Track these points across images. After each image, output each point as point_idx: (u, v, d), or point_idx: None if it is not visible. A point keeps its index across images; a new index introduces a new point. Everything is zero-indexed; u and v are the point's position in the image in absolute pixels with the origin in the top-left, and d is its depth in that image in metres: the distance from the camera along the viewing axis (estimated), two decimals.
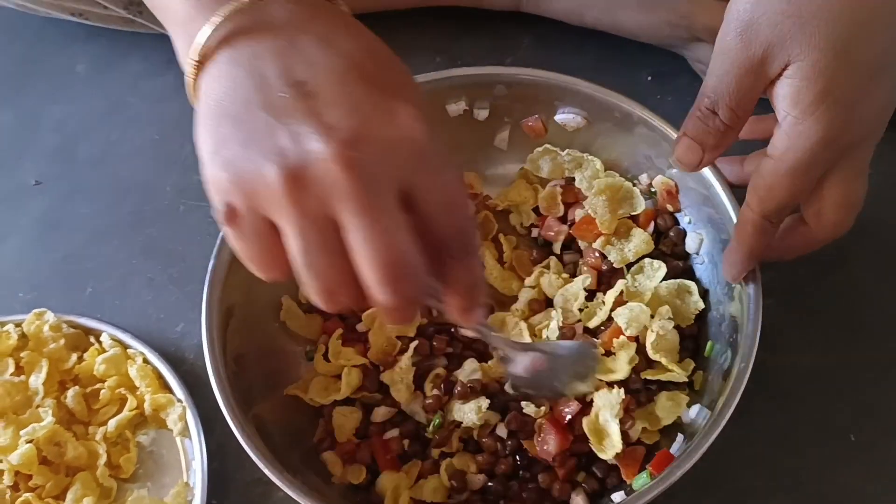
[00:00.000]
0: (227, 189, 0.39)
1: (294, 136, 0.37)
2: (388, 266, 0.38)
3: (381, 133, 0.38)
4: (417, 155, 0.38)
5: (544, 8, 0.79)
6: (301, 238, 0.38)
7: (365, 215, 0.37)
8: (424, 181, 0.39)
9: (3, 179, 0.80)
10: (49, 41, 0.86)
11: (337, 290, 0.39)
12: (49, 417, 0.62)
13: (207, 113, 0.40)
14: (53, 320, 0.68)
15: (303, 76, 0.38)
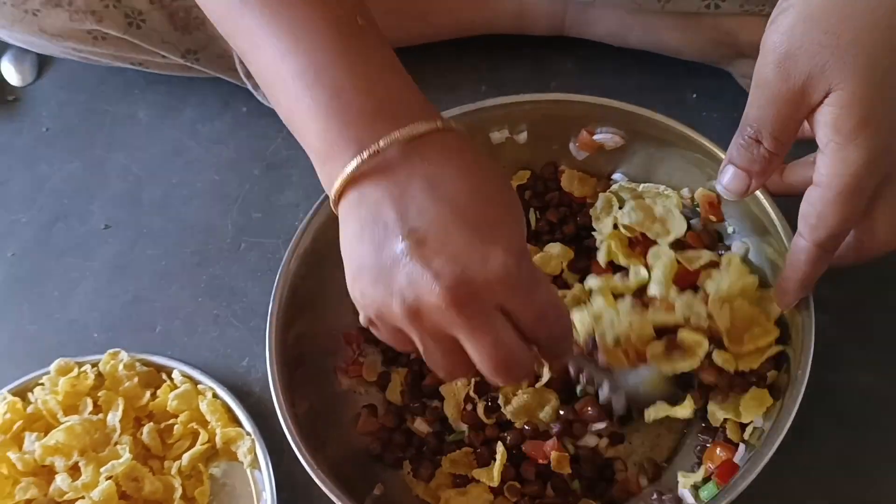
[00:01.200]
0: (366, 307, 0.49)
1: (411, 279, 0.46)
2: (497, 366, 0.48)
3: (477, 276, 0.45)
4: (508, 287, 0.46)
5: (586, 31, 0.80)
6: (424, 346, 0.49)
7: (472, 337, 0.47)
8: (516, 305, 0.47)
9: (76, 226, 0.83)
10: (111, 90, 0.90)
11: (455, 372, 0.50)
12: (126, 454, 0.65)
13: (348, 239, 0.49)
14: (127, 359, 0.71)
15: (415, 223, 0.46)
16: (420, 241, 0.46)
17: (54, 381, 0.69)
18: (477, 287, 0.45)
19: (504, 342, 0.47)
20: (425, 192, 0.47)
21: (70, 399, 0.69)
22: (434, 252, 0.45)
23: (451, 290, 0.45)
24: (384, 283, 0.46)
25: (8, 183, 0.87)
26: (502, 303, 0.47)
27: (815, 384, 0.63)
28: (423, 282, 0.45)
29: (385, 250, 0.46)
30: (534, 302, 0.48)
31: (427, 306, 0.46)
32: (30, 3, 0.73)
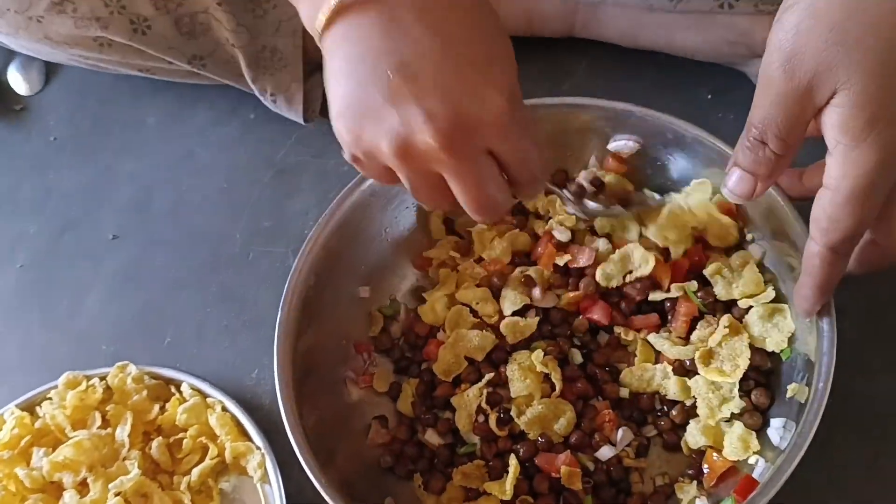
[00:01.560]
0: (351, 145, 0.48)
1: (402, 118, 0.45)
2: (479, 206, 0.49)
3: (471, 117, 0.45)
4: (499, 130, 0.46)
5: (598, 32, 0.78)
6: (410, 182, 0.49)
7: (458, 177, 0.47)
8: (503, 148, 0.48)
9: (84, 234, 0.83)
10: (119, 97, 0.90)
11: (439, 206, 0.51)
12: (135, 469, 0.65)
13: (332, 75, 0.47)
14: (136, 372, 0.70)
15: (406, 56, 0.45)
16: (412, 77, 0.44)
17: (62, 395, 0.69)
18: (470, 129, 0.45)
19: (488, 183, 0.48)
20: (418, 22, 0.45)
21: (78, 413, 0.68)
22: (427, 89, 0.44)
23: (443, 132, 0.45)
24: (373, 119, 0.46)
25: (17, 192, 0.87)
26: (492, 146, 0.47)
27: (835, 391, 0.62)
28: (414, 121, 0.45)
29: (374, 86, 0.45)
30: (521, 146, 0.48)
31: (418, 145, 0.45)
32: (34, 10, 0.72)
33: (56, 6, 0.72)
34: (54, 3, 0.72)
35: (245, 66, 0.77)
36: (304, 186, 0.81)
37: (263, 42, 0.75)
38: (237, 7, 0.73)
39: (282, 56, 0.76)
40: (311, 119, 0.81)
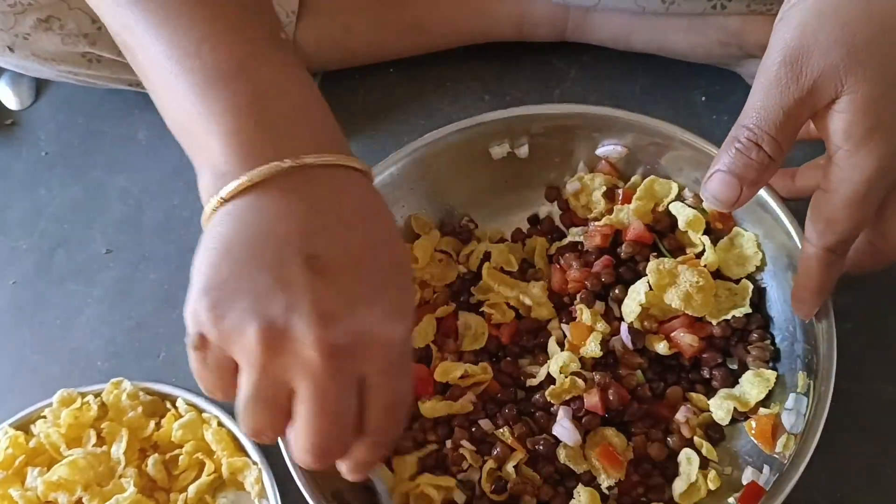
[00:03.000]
0: (205, 325, 0.42)
1: (291, 309, 0.39)
2: (319, 444, 0.42)
3: (364, 332, 0.40)
4: (385, 359, 0.42)
5: (590, 36, 0.78)
6: (253, 389, 0.42)
7: (316, 396, 0.40)
8: (380, 382, 0.42)
9: (77, 251, 0.82)
10: (110, 111, 0.89)
11: (263, 434, 0.43)
12: (131, 488, 0.64)
13: (212, 248, 0.42)
14: (130, 389, 0.69)
15: (319, 249, 0.40)
16: (318, 271, 0.40)
17: (57, 413, 0.68)
18: (361, 346, 0.41)
19: (341, 421, 0.42)
20: (339, 226, 0.42)
21: (73, 431, 0.67)
22: (327, 287, 0.40)
23: (331, 337, 0.40)
24: (250, 301, 0.40)
25: (8, 209, 0.86)
26: (369, 374, 0.42)
27: (838, 396, 0.61)
28: (304, 316, 0.39)
29: (269, 268, 0.40)
30: (394, 389, 0.44)
31: (294, 344, 0.40)
32: (19, 28, 0.72)
33: (42, 23, 0.72)
34: (40, 21, 0.71)
35: None
36: None
37: None
38: None
39: None
40: None
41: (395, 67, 0.84)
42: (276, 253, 0.41)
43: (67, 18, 0.71)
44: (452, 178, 0.69)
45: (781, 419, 0.58)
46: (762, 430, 0.58)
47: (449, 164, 0.68)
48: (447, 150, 0.68)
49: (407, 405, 0.46)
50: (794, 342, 0.61)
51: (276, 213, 0.41)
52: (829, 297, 0.55)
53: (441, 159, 0.68)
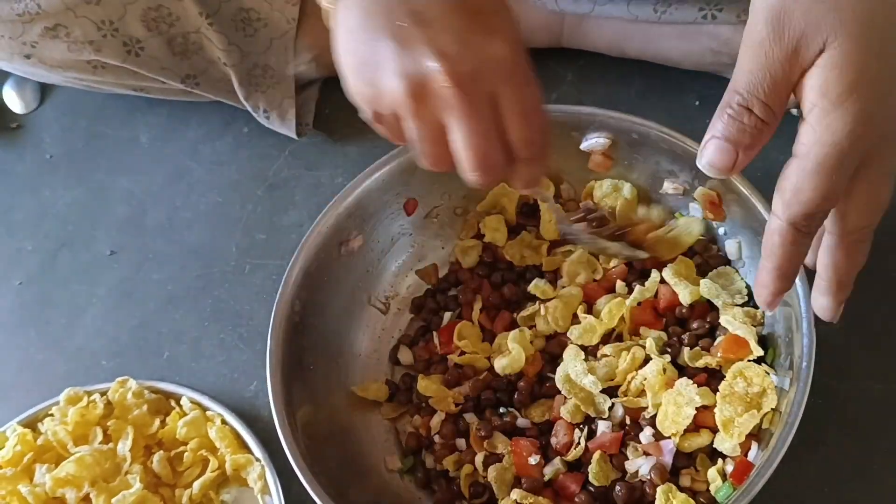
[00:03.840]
0: (370, 99, 0.50)
1: (416, 59, 0.47)
2: (479, 158, 0.50)
3: (479, 55, 0.47)
4: (506, 72, 0.48)
5: (584, 42, 0.80)
6: (417, 131, 0.50)
7: (465, 120, 0.48)
8: (509, 93, 0.49)
9: (81, 252, 0.84)
10: (113, 114, 0.90)
11: (438, 163, 0.52)
12: (137, 484, 0.65)
13: (344, 38, 0.50)
14: (136, 387, 0.71)
15: (418, 6, 0.48)
16: (424, 22, 0.47)
17: (64, 411, 0.70)
18: (478, 67, 0.47)
19: (490, 136, 0.49)
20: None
21: (80, 429, 0.69)
22: (438, 32, 0.47)
23: (454, 68, 0.46)
24: (388, 67, 0.48)
25: (13, 211, 0.88)
26: (497, 90, 0.48)
27: (826, 393, 0.63)
28: (428, 59, 0.47)
29: (387, 35, 0.48)
30: (525, 96, 0.49)
31: (431, 85, 0.47)
32: (27, 36, 0.73)
33: (49, 31, 0.73)
34: (47, 29, 0.73)
35: (237, 83, 0.78)
36: (297, 200, 0.82)
37: (255, 60, 0.77)
38: (228, 26, 0.74)
39: (273, 73, 0.77)
40: (303, 133, 0.82)
41: None
42: (388, 22, 0.48)
43: (74, 26, 0.72)
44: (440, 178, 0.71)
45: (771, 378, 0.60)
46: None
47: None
48: None
49: (541, 111, 0.51)
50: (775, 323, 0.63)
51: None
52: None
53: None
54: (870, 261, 0.69)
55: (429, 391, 0.67)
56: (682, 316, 0.66)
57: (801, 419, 0.55)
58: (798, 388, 0.56)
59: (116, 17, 0.73)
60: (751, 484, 0.55)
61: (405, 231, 0.73)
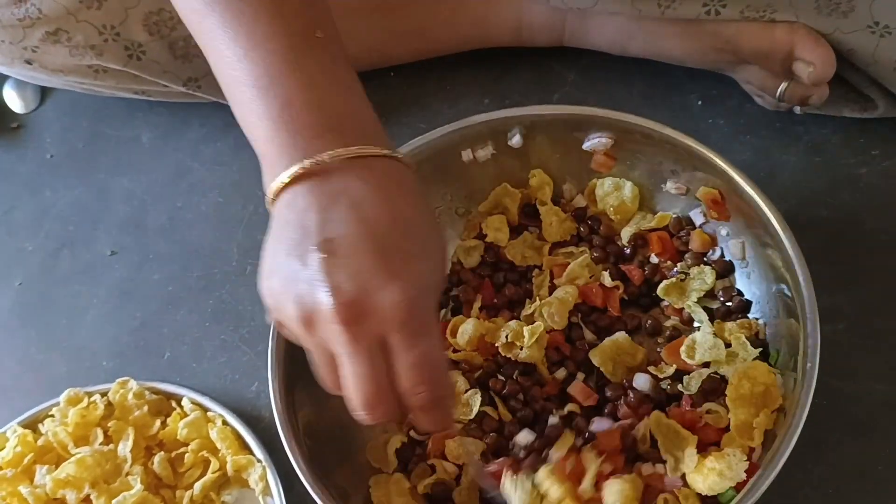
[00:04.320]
0: (270, 307, 0.50)
1: (310, 288, 0.47)
2: (362, 398, 0.49)
3: (370, 299, 0.46)
4: (395, 322, 0.47)
5: (587, 41, 0.79)
6: (314, 354, 0.50)
7: (349, 359, 0.48)
8: (397, 343, 0.48)
9: (82, 252, 0.83)
10: (114, 114, 0.90)
11: (334, 388, 0.50)
12: (138, 485, 0.65)
13: (269, 240, 0.50)
14: (136, 388, 0.71)
15: (331, 234, 0.47)
16: (331, 252, 0.47)
17: (64, 412, 0.69)
18: (367, 311, 0.46)
19: (375, 378, 0.48)
20: (350, 209, 0.48)
21: (80, 430, 0.69)
22: (339, 266, 0.46)
23: (343, 306, 0.46)
24: (290, 284, 0.47)
25: (13, 211, 0.87)
26: (386, 335, 0.48)
27: (829, 394, 0.63)
28: (320, 292, 0.46)
29: (297, 253, 0.47)
30: (415, 348, 0.48)
31: (318, 316, 0.47)
32: (28, 41, 0.73)
33: (50, 36, 0.73)
34: (48, 34, 0.72)
35: None
36: None
37: None
38: None
39: None
40: None
41: (395, 71, 0.85)
42: (301, 242, 0.47)
43: (75, 31, 0.72)
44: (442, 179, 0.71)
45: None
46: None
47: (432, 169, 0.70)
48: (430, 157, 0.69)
49: (437, 367, 0.50)
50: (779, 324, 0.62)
51: (304, 206, 0.48)
52: None
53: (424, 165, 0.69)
54: (873, 262, 0.69)
55: None
56: None
57: (805, 420, 0.54)
58: (802, 390, 0.56)
59: (118, 21, 0.73)
60: (755, 485, 0.55)
61: None
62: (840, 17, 0.67)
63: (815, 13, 0.67)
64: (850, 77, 0.72)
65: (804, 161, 0.74)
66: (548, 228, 0.71)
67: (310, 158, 0.48)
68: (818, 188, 0.73)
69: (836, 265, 0.68)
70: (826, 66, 0.68)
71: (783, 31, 0.68)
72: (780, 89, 0.72)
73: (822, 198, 0.73)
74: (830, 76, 0.68)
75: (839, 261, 0.69)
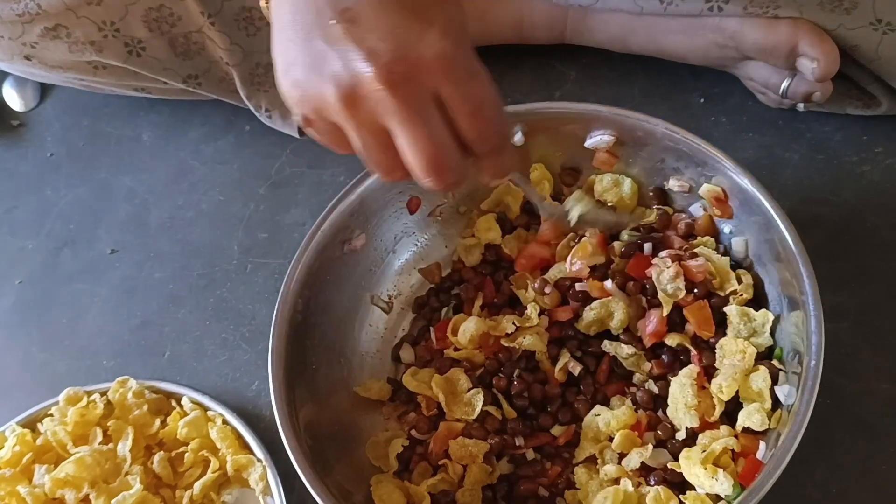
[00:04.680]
0: (299, 103, 0.47)
1: (344, 61, 0.44)
2: (428, 162, 0.46)
3: (412, 53, 0.43)
4: (444, 69, 0.44)
5: (588, 38, 0.79)
6: (359, 140, 0.47)
7: (406, 124, 0.45)
8: (451, 91, 0.45)
9: (83, 251, 0.83)
10: (115, 113, 0.90)
11: (391, 172, 0.48)
12: (137, 484, 0.65)
13: (277, 36, 0.47)
14: (136, 387, 0.70)
15: (348, 2, 0.44)
16: (352, 20, 0.44)
17: (63, 411, 0.69)
18: (412, 65, 0.44)
19: (437, 137, 0.45)
20: None
21: (80, 429, 0.68)
22: (367, 30, 0.44)
23: (385, 68, 0.43)
24: (317, 69, 0.44)
25: (14, 209, 0.87)
26: (438, 88, 0.45)
27: (834, 393, 0.62)
28: (357, 61, 0.43)
29: (317, 34, 0.44)
30: (470, 92, 0.46)
31: (362, 89, 0.44)
32: (27, 37, 0.73)
33: (50, 32, 0.72)
34: (48, 29, 0.72)
35: (239, 83, 0.77)
36: (299, 198, 0.81)
37: (257, 59, 0.76)
38: (230, 26, 0.74)
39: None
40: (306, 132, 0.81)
41: None
42: (317, 19, 0.44)
43: (75, 27, 0.72)
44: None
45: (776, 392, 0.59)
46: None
47: None
48: None
49: (491, 106, 0.47)
50: (783, 321, 0.62)
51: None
52: None
53: None
54: (877, 260, 0.69)
55: (410, 385, 0.66)
56: None
57: (809, 419, 0.54)
58: (806, 388, 0.55)
59: (118, 17, 0.72)
60: (759, 484, 0.54)
61: (408, 230, 0.72)
62: (843, 13, 0.66)
63: (818, 9, 0.66)
64: (853, 74, 0.72)
65: (807, 159, 0.74)
66: (545, 226, 0.70)
67: None
68: (821, 186, 0.73)
69: (839, 263, 0.68)
70: (830, 62, 0.67)
71: (787, 26, 0.68)
72: (784, 86, 0.72)
73: (825, 195, 0.72)
74: (834, 72, 0.68)
75: (842, 258, 0.68)
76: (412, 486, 0.63)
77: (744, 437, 0.59)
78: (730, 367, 0.60)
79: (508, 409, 0.65)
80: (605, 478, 0.61)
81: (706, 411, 0.60)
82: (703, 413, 0.60)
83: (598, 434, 0.62)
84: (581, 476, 0.62)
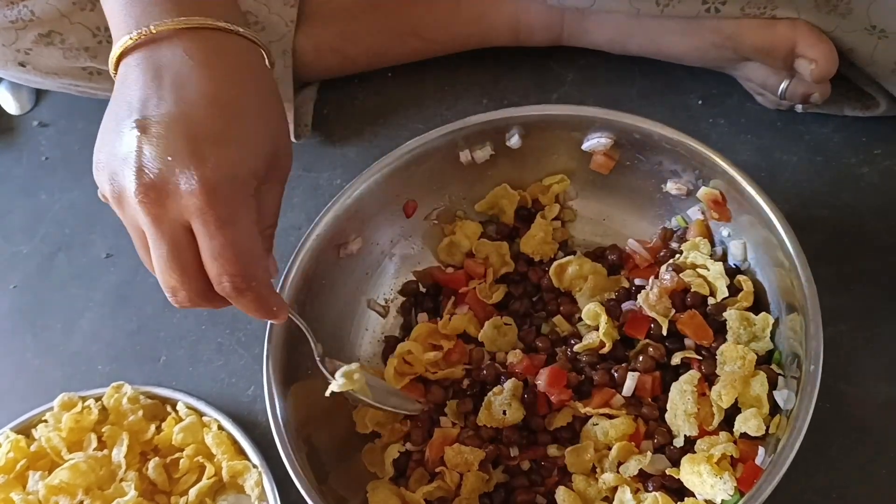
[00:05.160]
0: (98, 180, 0.50)
1: (123, 164, 0.47)
2: (167, 281, 0.49)
3: (170, 183, 0.46)
4: (195, 207, 0.47)
5: (585, 40, 0.79)
6: (129, 230, 0.51)
7: (152, 240, 0.48)
8: (197, 228, 0.48)
9: (78, 255, 0.83)
10: None
11: (149, 268, 0.51)
12: (132, 491, 0.64)
13: (106, 113, 0.51)
14: (131, 392, 0.70)
15: (151, 112, 0.47)
16: (145, 129, 0.47)
17: (58, 417, 0.69)
18: (166, 194, 0.47)
19: (178, 261, 0.48)
20: (171, 87, 0.48)
21: (74, 435, 0.68)
22: (150, 146, 0.47)
23: (144, 187, 0.46)
24: (109, 160, 0.48)
25: (9, 214, 0.87)
26: (189, 220, 0.48)
27: (833, 397, 0.62)
28: (128, 170, 0.47)
29: (118, 129, 0.48)
30: (217, 236, 0.48)
31: (125, 194, 0.47)
32: (21, 43, 0.72)
33: (43, 38, 0.72)
34: (41, 36, 0.72)
35: None
36: (296, 202, 0.81)
37: None
38: None
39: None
40: (302, 135, 0.81)
41: (393, 72, 0.84)
42: (124, 118, 0.48)
43: (69, 33, 0.72)
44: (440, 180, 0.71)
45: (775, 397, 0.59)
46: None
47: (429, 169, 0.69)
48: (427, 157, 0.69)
49: (242, 256, 0.49)
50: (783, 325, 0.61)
51: (131, 80, 0.49)
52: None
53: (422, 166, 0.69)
54: (876, 261, 0.68)
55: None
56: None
57: (808, 424, 0.54)
58: (806, 393, 0.55)
59: None
60: (758, 489, 0.54)
61: (405, 233, 0.72)
62: (839, 17, 0.66)
63: (815, 10, 0.66)
64: (851, 75, 0.71)
65: (805, 160, 0.74)
66: (528, 239, 0.70)
67: (138, 29, 0.48)
68: (820, 188, 0.72)
69: (838, 266, 0.68)
70: (828, 62, 0.67)
71: (785, 27, 0.68)
72: (782, 87, 0.71)
73: (824, 197, 0.72)
74: (833, 73, 0.68)
75: (841, 261, 0.68)
76: (408, 493, 0.62)
77: (742, 442, 0.58)
78: (729, 373, 0.59)
79: (499, 415, 0.64)
80: (603, 486, 0.60)
81: (705, 419, 0.60)
82: (701, 421, 0.60)
83: (597, 443, 0.62)
84: (579, 484, 0.61)
